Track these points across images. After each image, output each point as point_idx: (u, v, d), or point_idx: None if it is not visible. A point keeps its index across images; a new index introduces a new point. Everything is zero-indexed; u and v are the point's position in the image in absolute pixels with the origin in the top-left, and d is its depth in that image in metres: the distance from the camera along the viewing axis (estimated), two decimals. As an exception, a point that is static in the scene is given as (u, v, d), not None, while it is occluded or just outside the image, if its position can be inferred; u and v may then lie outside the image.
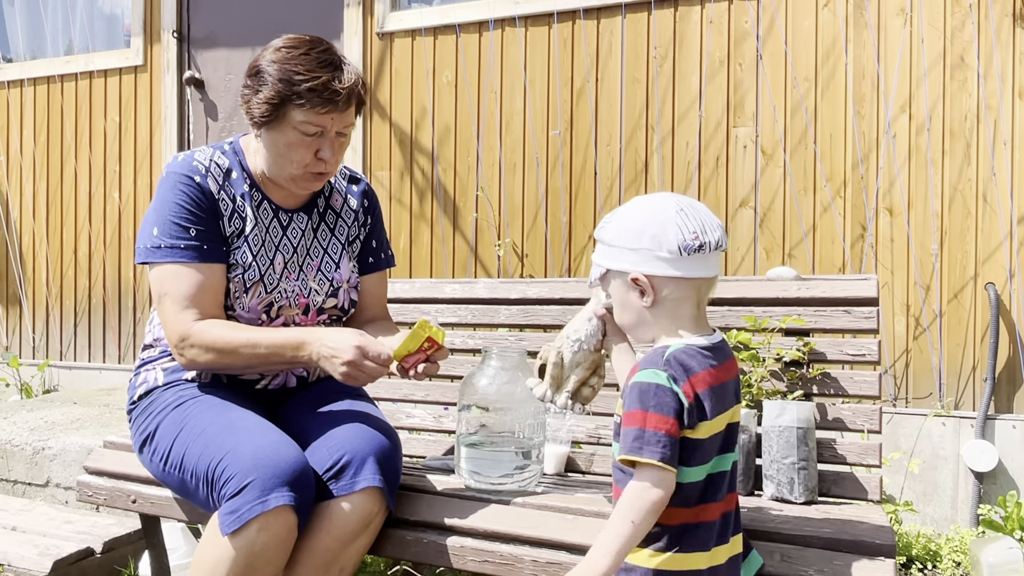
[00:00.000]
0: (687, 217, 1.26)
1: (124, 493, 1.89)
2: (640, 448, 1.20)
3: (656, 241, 1.26)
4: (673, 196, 1.30)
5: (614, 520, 1.21)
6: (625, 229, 1.30)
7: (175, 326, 1.64)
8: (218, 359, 1.63)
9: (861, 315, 1.90)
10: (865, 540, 1.43)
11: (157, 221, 1.68)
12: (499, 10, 3.47)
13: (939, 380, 2.90)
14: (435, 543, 1.60)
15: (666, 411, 1.21)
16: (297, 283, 1.78)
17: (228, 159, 1.76)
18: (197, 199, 1.68)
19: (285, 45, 1.66)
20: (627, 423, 1.23)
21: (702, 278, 1.29)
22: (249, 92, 1.67)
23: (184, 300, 1.64)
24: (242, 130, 4.04)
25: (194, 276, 1.65)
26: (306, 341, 1.60)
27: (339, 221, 1.88)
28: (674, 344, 1.28)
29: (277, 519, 1.44)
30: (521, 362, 1.68)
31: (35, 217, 4.40)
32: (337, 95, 1.62)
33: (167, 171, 1.72)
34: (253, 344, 1.62)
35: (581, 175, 3.38)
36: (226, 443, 1.51)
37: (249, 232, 1.73)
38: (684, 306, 1.30)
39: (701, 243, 1.25)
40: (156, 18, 4.14)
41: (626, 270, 1.30)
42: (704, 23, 3.19)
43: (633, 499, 1.20)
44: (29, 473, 2.88)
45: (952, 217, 2.90)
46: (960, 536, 2.63)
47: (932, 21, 2.91)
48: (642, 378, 1.25)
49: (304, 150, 1.66)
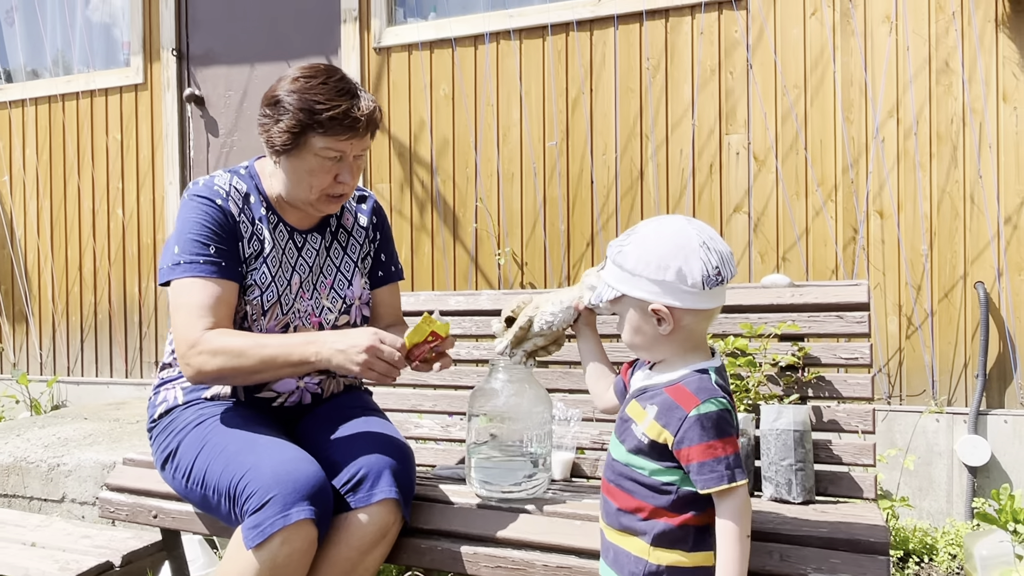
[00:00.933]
0: (710, 251, 1.31)
1: (145, 508, 1.95)
2: (732, 475, 1.27)
3: (681, 275, 1.30)
4: (692, 226, 1.33)
5: (732, 544, 1.27)
6: (648, 260, 1.32)
7: (186, 334, 1.67)
8: (226, 363, 1.64)
9: (853, 320, 1.97)
10: (861, 538, 1.49)
11: (178, 241, 1.73)
12: (494, 24, 3.54)
13: (932, 377, 2.97)
14: (449, 551, 1.66)
15: (734, 432, 1.31)
16: (310, 302, 1.84)
17: (245, 183, 1.82)
18: (218, 220, 1.74)
19: (303, 75, 1.71)
20: (708, 455, 1.27)
21: (716, 308, 1.36)
22: (269, 121, 1.72)
23: (198, 310, 1.67)
24: (243, 146, 4.12)
25: (210, 288, 1.69)
26: (316, 339, 1.63)
27: (351, 239, 1.95)
28: (708, 367, 1.36)
29: (298, 532, 1.50)
30: (527, 374, 1.75)
31: (40, 234, 4.46)
32: (357, 122, 1.68)
33: (188, 195, 1.78)
34: (261, 345, 1.64)
35: (578, 184, 3.45)
36: (247, 460, 1.57)
37: (267, 254, 1.79)
38: (698, 333, 1.37)
39: (723, 277, 1.31)
40: (155, 37, 4.20)
41: (647, 300, 1.33)
42: (695, 34, 3.27)
43: (743, 516, 1.28)
44: (45, 489, 2.93)
45: (941, 218, 2.97)
46: (955, 529, 2.70)
47: (917, 28, 2.99)
48: (707, 408, 1.29)
49: (324, 175, 1.72)
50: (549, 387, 2.10)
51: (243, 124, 4.10)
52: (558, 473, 2.05)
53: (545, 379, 2.19)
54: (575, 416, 2.12)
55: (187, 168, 4.20)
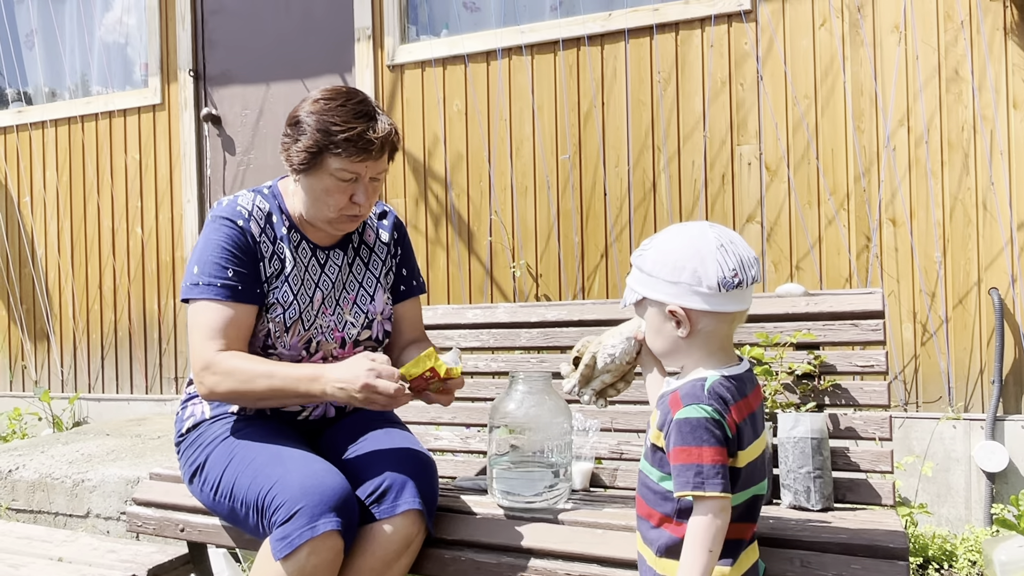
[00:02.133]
0: (727, 254, 1.31)
1: (172, 522, 1.99)
2: (702, 483, 1.25)
3: (696, 276, 1.31)
4: (713, 230, 1.34)
5: (692, 555, 1.26)
6: (664, 261, 1.34)
7: (199, 355, 1.73)
8: (236, 387, 1.69)
9: (868, 328, 1.98)
10: (880, 544, 1.51)
11: (199, 260, 1.78)
12: (505, 40, 3.58)
13: (948, 384, 2.98)
14: (472, 561, 1.69)
15: (717, 442, 1.27)
16: (333, 318, 1.88)
17: (268, 203, 1.87)
18: (238, 241, 1.78)
19: (323, 97, 1.75)
20: (681, 459, 1.28)
21: (736, 312, 1.35)
22: (289, 141, 1.77)
23: (211, 332, 1.73)
24: (259, 164, 4.18)
25: (224, 311, 1.74)
26: (320, 375, 1.65)
27: (372, 255, 1.99)
28: (710, 376, 1.34)
29: (325, 543, 1.53)
30: (547, 385, 1.78)
31: (60, 253, 4.53)
32: (371, 144, 1.72)
33: (212, 215, 1.83)
34: (269, 375, 1.69)
35: (591, 196, 3.48)
36: (275, 473, 1.60)
37: (289, 272, 1.83)
38: (716, 338, 1.36)
39: (740, 280, 1.30)
40: (172, 58, 4.27)
41: (664, 301, 1.34)
42: (705, 46, 3.30)
43: (705, 531, 1.25)
44: (70, 505, 2.98)
45: (954, 225, 2.98)
46: (975, 536, 2.70)
47: (925, 38, 3.01)
48: (689, 414, 1.29)
49: (340, 195, 1.76)
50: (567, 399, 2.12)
51: (259, 142, 4.16)
52: (578, 483, 2.07)
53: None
54: (594, 426, 2.14)
55: (204, 186, 4.27)
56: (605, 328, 2.22)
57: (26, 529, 2.93)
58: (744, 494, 1.33)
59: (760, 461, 1.37)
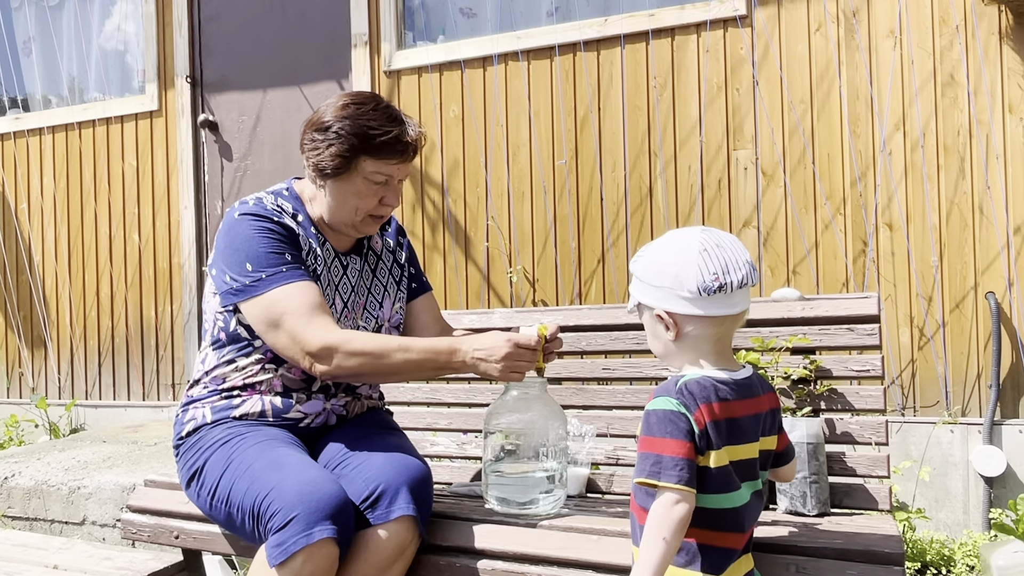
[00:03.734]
0: (709, 257, 1.31)
1: (167, 529, 1.98)
2: (659, 473, 1.26)
3: (678, 281, 1.32)
4: (704, 234, 1.34)
5: (647, 542, 1.25)
6: (651, 266, 1.37)
7: (310, 336, 1.67)
8: (366, 363, 1.67)
9: (864, 332, 1.98)
10: (876, 549, 1.50)
11: (248, 258, 1.74)
12: (502, 45, 3.59)
13: (945, 388, 2.98)
14: (467, 567, 1.68)
15: (680, 436, 1.27)
16: (348, 324, 1.90)
17: (291, 204, 1.87)
18: (281, 234, 1.78)
19: (353, 101, 1.78)
20: (644, 447, 1.29)
21: (725, 315, 1.34)
22: (321, 145, 1.77)
23: (311, 310, 1.69)
24: (256, 170, 4.18)
25: (310, 288, 1.73)
26: (458, 348, 1.67)
27: (379, 263, 2.02)
28: (690, 374, 1.34)
29: (321, 551, 1.52)
30: (542, 390, 1.77)
31: (57, 260, 4.52)
32: (408, 147, 1.77)
33: (239, 216, 1.79)
34: (406, 348, 1.69)
35: (588, 201, 3.48)
36: (271, 479, 1.60)
37: (320, 272, 1.85)
38: (706, 342, 1.36)
39: (721, 284, 1.30)
40: (169, 64, 4.28)
41: (652, 305, 1.37)
42: (700, 51, 3.31)
43: (661, 518, 1.25)
44: (66, 512, 2.97)
45: (950, 230, 2.98)
46: (973, 541, 2.70)
47: (921, 42, 3.02)
48: (656, 405, 1.31)
49: (371, 198, 1.80)
50: (563, 403, 2.12)
51: (256, 148, 4.16)
52: (573, 489, 2.07)
53: (559, 395, 2.21)
54: (589, 432, 2.14)
55: (202, 192, 4.27)
56: (601, 333, 2.23)
57: (22, 536, 2.92)
58: (722, 498, 1.31)
59: (748, 467, 1.34)
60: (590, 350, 2.24)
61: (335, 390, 1.91)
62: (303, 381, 1.86)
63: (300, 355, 1.71)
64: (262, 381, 1.84)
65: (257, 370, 1.84)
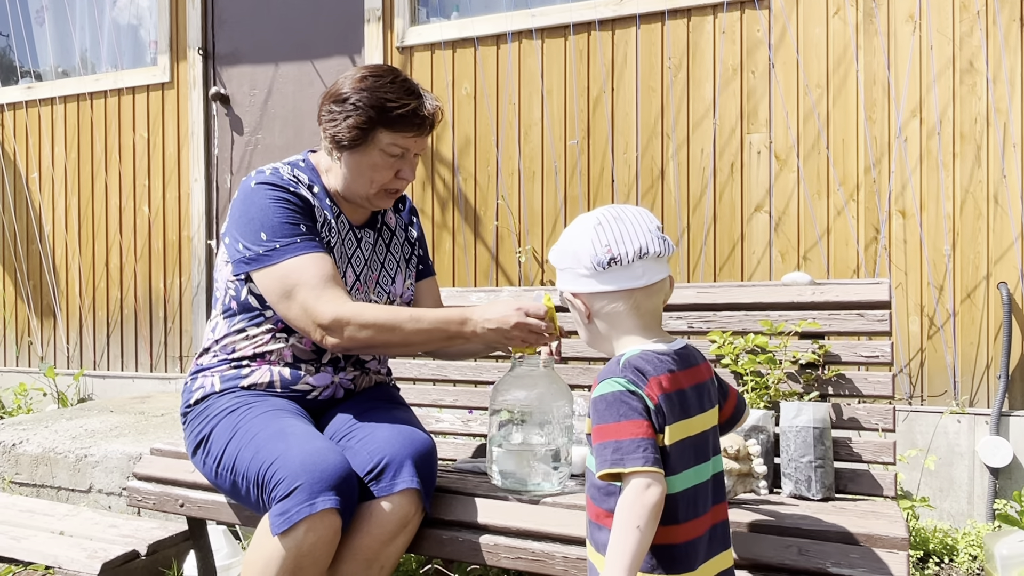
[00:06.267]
0: (602, 230, 1.25)
1: (172, 497, 1.99)
2: (622, 459, 1.16)
3: (576, 259, 1.27)
4: (604, 211, 1.28)
5: (618, 534, 1.14)
6: (557, 250, 1.33)
7: (322, 308, 1.67)
8: (376, 335, 1.68)
9: (874, 318, 1.97)
10: (880, 534, 1.50)
11: (263, 227, 1.74)
12: (516, 23, 3.56)
13: (954, 378, 2.96)
14: (470, 541, 1.69)
15: (636, 415, 1.18)
16: (361, 296, 1.90)
17: (307, 175, 1.87)
18: (297, 205, 1.78)
19: (371, 74, 1.77)
20: (599, 438, 1.19)
21: (630, 289, 1.26)
22: (339, 116, 1.76)
23: (323, 282, 1.70)
24: (267, 144, 4.17)
25: (322, 261, 1.73)
26: (468, 318, 1.69)
27: (393, 238, 2.02)
28: (628, 351, 1.26)
29: (323, 521, 1.53)
30: (548, 368, 1.77)
31: (67, 230, 4.53)
32: (425, 120, 1.77)
33: (255, 184, 1.79)
34: (417, 319, 1.69)
35: (599, 183, 3.46)
36: (276, 448, 1.60)
37: (334, 244, 1.85)
38: (621, 319, 1.28)
39: (613, 256, 1.24)
40: (182, 36, 4.26)
41: (561, 288, 1.33)
42: (717, 33, 3.27)
43: (631, 505, 1.14)
44: (72, 480, 2.99)
45: (964, 218, 2.96)
46: (976, 531, 2.69)
47: (940, 28, 2.98)
48: (603, 390, 1.21)
49: (387, 171, 1.80)
50: (569, 383, 2.11)
51: (267, 122, 4.15)
52: (578, 468, 2.06)
53: (565, 375, 2.21)
54: (595, 412, 2.13)
55: (212, 166, 4.26)
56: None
57: (29, 503, 2.95)
58: (676, 479, 1.20)
59: (700, 444, 1.25)
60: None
61: (344, 363, 1.91)
62: (313, 352, 1.86)
63: (312, 327, 1.70)
64: (272, 351, 1.84)
65: (268, 339, 1.84)
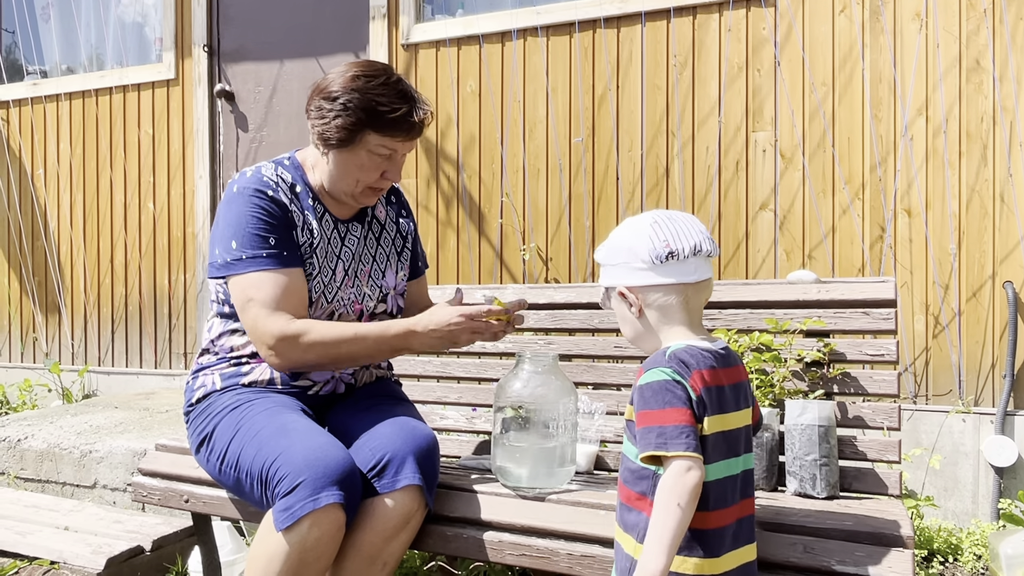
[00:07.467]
0: (659, 228, 1.36)
1: (177, 493, 2.00)
2: (665, 443, 1.23)
3: (632, 253, 1.37)
4: (656, 213, 1.39)
5: (660, 512, 1.22)
6: (609, 247, 1.42)
7: (268, 328, 1.71)
8: (322, 353, 1.72)
9: (879, 316, 1.97)
10: (885, 532, 1.50)
11: (235, 235, 1.76)
12: (521, 20, 3.56)
13: (959, 377, 2.95)
14: (474, 538, 1.69)
15: (680, 403, 1.26)
16: (353, 290, 1.90)
17: (291, 174, 1.87)
18: (272, 211, 1.78)
19: (364, 73, 1.76)
20: (644, 422, 1.27)
21: (684, 283, 1.36)
22: (328, 115, 1.75)
23: (272, 303, 1.72)
24: (272, 141, 4.17)
25: (279, 280, 1.74)
26: (412, 330, 1.71)
27: (383, 232, 2.01)
28: (675, 344, 1.35)
29: (327, 516, 1.53)
30: (553, 365, 1.76)
31: (73, 227, 4.54)
32: (414, 126, 1.77)
33: (238, 187, 1.80)
34: (360, 338, 1.72)
35: (604, 180, 3.46)
36: (279, 444, 1.60)
37: (316, 244, 1.84)
38: (672, 312, 1.37)
39: (671, 250, 1.33)
40: (187, 33, 4.26)
41: (613, 284, 1.42)
42: (722, 31, 3.26)
43: (672, 487, 1.22)
44: (77, 475, 3.00)
45: (970, 217, 2.95)
46: (981, 530, 2.68)
47: (947, 26, 2.97)
48: (649, 378, 1.30)
49: (373, 171, 1.80)
50: (574, 380, 2.11)
51: (272, 120, 4.15)
52: (582, 465, 2.07)
53: (570, 372, 2.20)
54: (599, 409, 2.13)
55: (217, 162, 4.26)
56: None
57: (34, 498, 2.96)
58: (711, 470, 1.28)
59: (732, 439, 1.33)
60: (602, 328, 2.24)
61: None
62: None
63: (259, 344, 1.75)
64: None
65: None
